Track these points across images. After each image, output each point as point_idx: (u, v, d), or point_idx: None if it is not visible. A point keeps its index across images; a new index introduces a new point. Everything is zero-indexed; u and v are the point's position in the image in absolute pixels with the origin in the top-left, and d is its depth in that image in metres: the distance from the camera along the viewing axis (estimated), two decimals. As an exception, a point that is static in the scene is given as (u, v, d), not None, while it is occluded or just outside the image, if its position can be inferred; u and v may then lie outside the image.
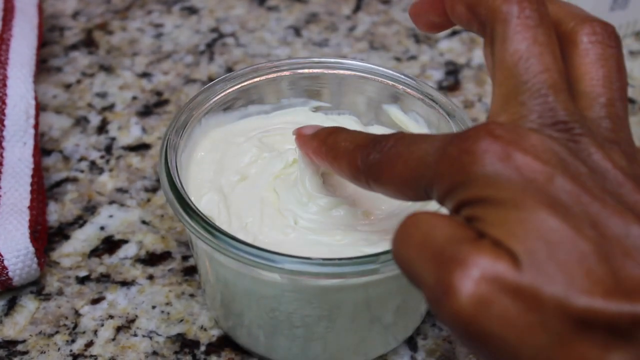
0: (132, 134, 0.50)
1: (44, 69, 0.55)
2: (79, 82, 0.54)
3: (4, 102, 0.44)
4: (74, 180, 0.47)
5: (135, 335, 0.38)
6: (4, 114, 0.43)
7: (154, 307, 0.40)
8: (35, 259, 0.39)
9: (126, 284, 0.41)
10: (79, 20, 0.60)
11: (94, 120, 0.51)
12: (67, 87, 0.54)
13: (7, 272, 0.38)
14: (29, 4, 0.52)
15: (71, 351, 0.38)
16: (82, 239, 0.43)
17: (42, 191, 0.44)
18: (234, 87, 0.39)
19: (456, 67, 0.57)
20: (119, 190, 0.46)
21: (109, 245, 0.43)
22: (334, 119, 0.41)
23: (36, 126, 0.44)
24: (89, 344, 0.38)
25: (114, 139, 0.50)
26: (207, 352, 0.38)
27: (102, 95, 0.53)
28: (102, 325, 0.39)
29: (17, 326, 0.39)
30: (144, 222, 0.44)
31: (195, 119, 0.37)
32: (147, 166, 0.48)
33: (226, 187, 0.36)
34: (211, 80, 0.54)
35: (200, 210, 0.32)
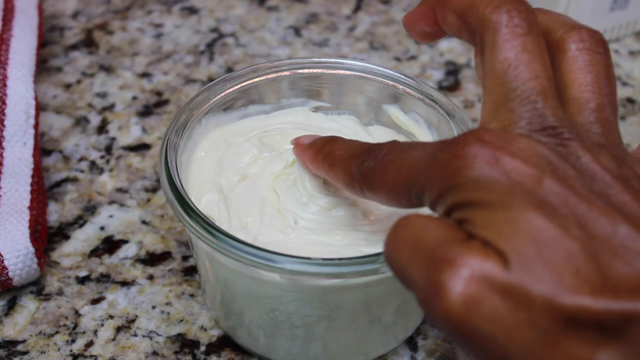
0: (132, 134, 0.50)
1: (44, 69, 0.55)
2: (79, 82, 0.54)
3: (4, 102, 0.44)
4: (74, 180, 0.47)
5: (135, 335, 0.38)
6: (4, 114, 0.43)
7: (154, 307, 0.40)
8: (35, 259, 0.39)
9: (126, 284, 0.41)
10: (79, 20, 0.60)
11: (94, 120, 0.51)
12: (67, 87, 0.54)
13: (7, 272, 0.38)
14: (29, 4, 0.52)
15: (71, 351, 0.38)
16: (82, 239, 0.43)
17: (42, 191, 0.44)
18: (234, 87, 0.39)
19: (456, 67, 0.57)
20: (119, 190, 0.46)
21: (109, 245, 0.43)
22: (334, 119, 0.41)
23: (36, 126, 0.44)
24: (89, 344, 0.38)
25: (114, 139, 0.50)
26: (207, 352, 0.38)
27: (102, 95, 0.53)
28: (102, 325, 0.39)
29: (17, 326, 0.39)
30: (144, 222, 0.44)
31: (195, 119, 0.37)
32: (147, 166, 0.48)
33: (226, 187, 0.36)
34: (211, 80, 0.54)
35: (200, 210, 0.32)
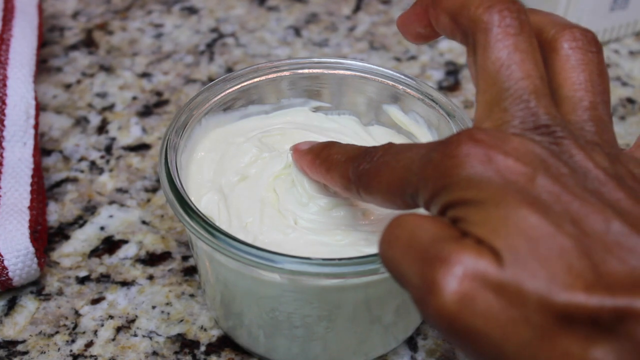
0: (132, 134, 0.50)
1: (44, 69, 0.55)
2: (79, 82, 0.54)
3: (4, 102, 0.44)
4: (74, 180, 0.47)
5: (135, 335, 0.38)
6: (4, 114, 0.43)
7: (154, 307, 0.40)
8: (35, 259, 0.39)
9: (126, 284, 0.41)
10: (79, 20, 0.60)
11: (94, 120, 0.51)
12: (67, 87, 0.54)
13: (7, 272, 0.38)
14: (29, 4, 0.52)
15: (71, 351, 0.38)
16: (82, 239, 0.43)
17: (42, 191, 0.44)
18: (234, 87, 0.39)
19: (456, 67, 0.57)
20: (119, 190, 0.46)
21: (109, 245, 0.43)
22: (334, 119, 0.41)
23: (36, 126, 0.44)
24: (89, 344, 0.38)
25: (114, 139, 0.50)
26: (207, 352, 0.38)
27: (102, 95, 0.53)
28: (102, 325, 0.39)
29: (17, 326, 0.39)
30: (144, 222, 0.44)
31: (195, 119, 0.37)
32: (147, 166, 0.48)
33: (226, 187, 0.36)
34: (211, 80, 0.54)
35: (200, 210, 0.32)
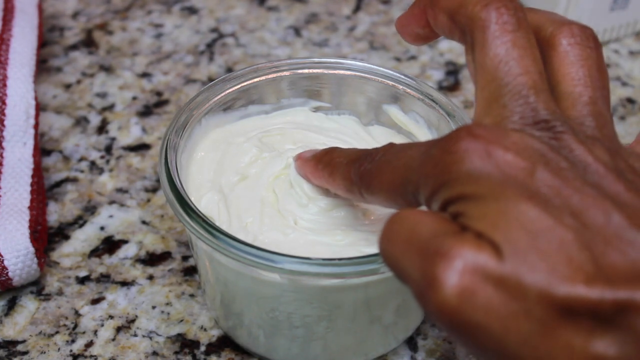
0: (132, 134, 0.50)
1: (44, 69, 0.55)
2: (79, 82, 0.54)
3: (4, 102, 0.44)
4: (74, 180, 0.47)
5: (135, 335, 0.38)
6: (4, 114, 0.43)
7: (154, 307, 0.40)
8: (35, 259, 0.39)
9: (126, 284, 0.41)
10: (79, 20, 0.60)
11: (94, 120, 0.51)
12: (67, 87, 0.54)
13: (7, 272, 0.38)
14: (29, 4, 0.52)
15: (71, 351, 0.38)
16: (82, 239, 0.43)
17: (42, 191, 0.44)
18: (234, 87, 0.39)
19: (456, 67, 0.57)
20: (119, 190, 0.46)
21: (109, 245, 0.43)
22: (334, 119, 0.41)
23: (36, 126, 0.44)
24: (89, 344, 0.38)
25: (114, 139, 0.50)
26: (207, 352, 0.38)
27: (102, 95, 0.53)
28: (102, 325, 0.39)
29: (17, 326, 0.39)
30: (144, 222, 0.44)
31: (195, 119, 0.37)
32: (147, 166, 0.48)
33: (226, 187, 0.36)
34: (211, 80, 0.54)
35: (200, 210, 0.32)
